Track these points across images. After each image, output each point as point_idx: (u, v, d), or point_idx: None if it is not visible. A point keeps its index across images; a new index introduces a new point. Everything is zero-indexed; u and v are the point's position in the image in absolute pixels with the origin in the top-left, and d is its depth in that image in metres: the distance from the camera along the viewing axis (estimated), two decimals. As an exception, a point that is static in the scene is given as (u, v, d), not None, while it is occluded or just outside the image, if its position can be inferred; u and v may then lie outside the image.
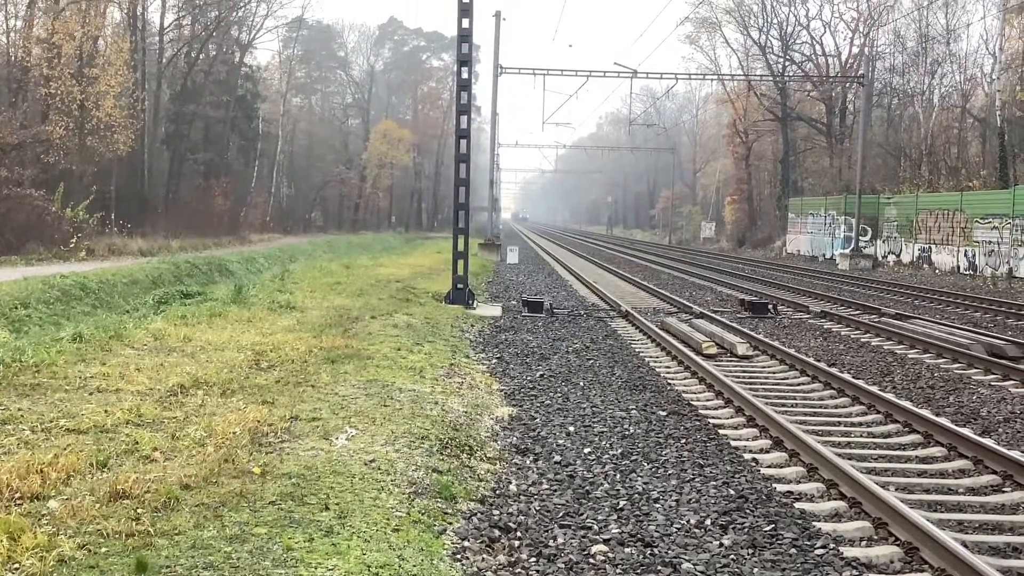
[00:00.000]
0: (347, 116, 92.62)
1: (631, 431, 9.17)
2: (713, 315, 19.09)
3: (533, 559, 5.82)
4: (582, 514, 6.66)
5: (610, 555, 5.92)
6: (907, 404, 10.46)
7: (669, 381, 12.13)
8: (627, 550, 6.00)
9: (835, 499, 7.22)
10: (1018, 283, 30.62)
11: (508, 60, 53.89)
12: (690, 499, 7.06)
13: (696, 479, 7.57)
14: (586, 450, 8.41)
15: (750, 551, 6.04)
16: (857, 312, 20.90)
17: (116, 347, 11.14)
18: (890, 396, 10.92)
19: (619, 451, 8.38)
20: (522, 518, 6.47)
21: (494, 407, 9.97)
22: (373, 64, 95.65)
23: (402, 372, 10.72)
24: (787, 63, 60.12)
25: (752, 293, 24.94)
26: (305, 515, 5.53)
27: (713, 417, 10.04)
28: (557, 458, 8.09)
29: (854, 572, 5.80)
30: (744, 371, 13.11)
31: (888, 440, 9.31)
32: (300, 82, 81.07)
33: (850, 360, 14.26)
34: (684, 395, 11.18)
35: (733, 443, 8.86)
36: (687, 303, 21.67)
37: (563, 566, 5.72)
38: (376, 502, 5.93)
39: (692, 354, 13.60)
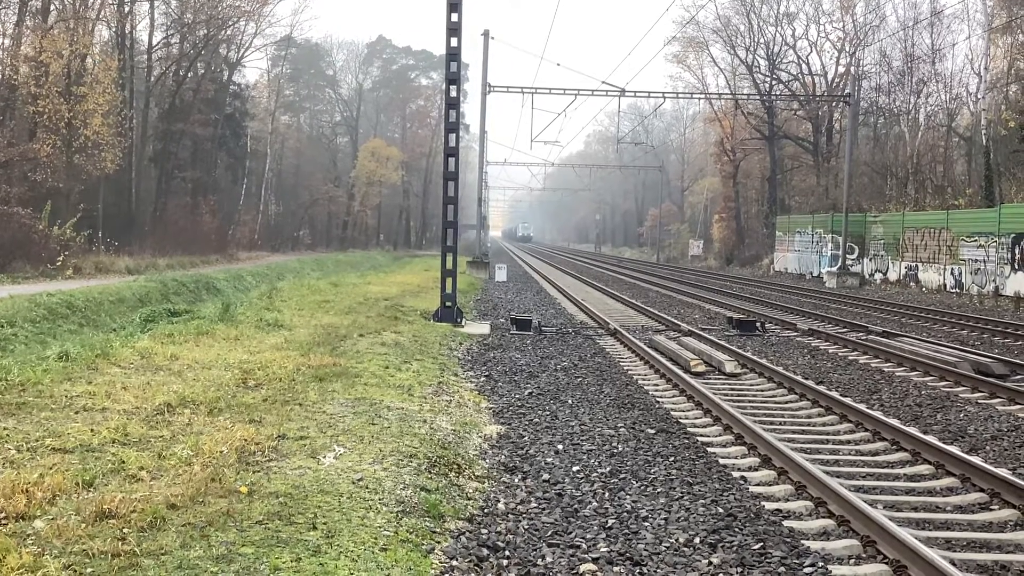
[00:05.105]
0: (335, 134, 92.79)
1: (620, 449, 9.16)
2: (701, 333, 19.13)
3: (522, 578, 5.80)
4: (571, 532, 6.65)
5: (599, 574, 5.90)
6: (895, 422, 10.48)
7: (658, 399, 12.14)
8: (616, 569, 5.99)
9: (824, 517, 7.22)
10: (1004, 301, 30.77)
11: (496, 79, 54.01)
12: (679, 517, 7.05)
13: (685, 497, 7.57)
14: (575, 468, 8.39)
15: (739, 570, 6.03)
16: (844, 330, 20.97)
17: (102, 366, 11.09)
18: (878, 414, 10.95)
19: (608, 469, 8.37)
20: (511, 537, 6.45)
21: (482, 425, 9.96)
22: (362, 82, 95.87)
23: (390, 390, 10.69)
24: (774, 82, 60.57)
25: (740, 311, 25.00)
26: (292, 535, 5.50)
27: (702, 435, 10.05)
28: (546, 476, 8.08)
29: (843, 590, 5.80)
30: (732, 389, 13.13)
31: (876, 458, 9.33)
32: (288, 100, 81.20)
33: (838, 378, 14.30)
34: (672, 413, 11.18)
35: (722, 461, 8.86)
36: (675, 321, 21.72)
37: (552, 585, 5.70)
38: (364, 521, 5.91)
39: (680, 372, 13.62)
